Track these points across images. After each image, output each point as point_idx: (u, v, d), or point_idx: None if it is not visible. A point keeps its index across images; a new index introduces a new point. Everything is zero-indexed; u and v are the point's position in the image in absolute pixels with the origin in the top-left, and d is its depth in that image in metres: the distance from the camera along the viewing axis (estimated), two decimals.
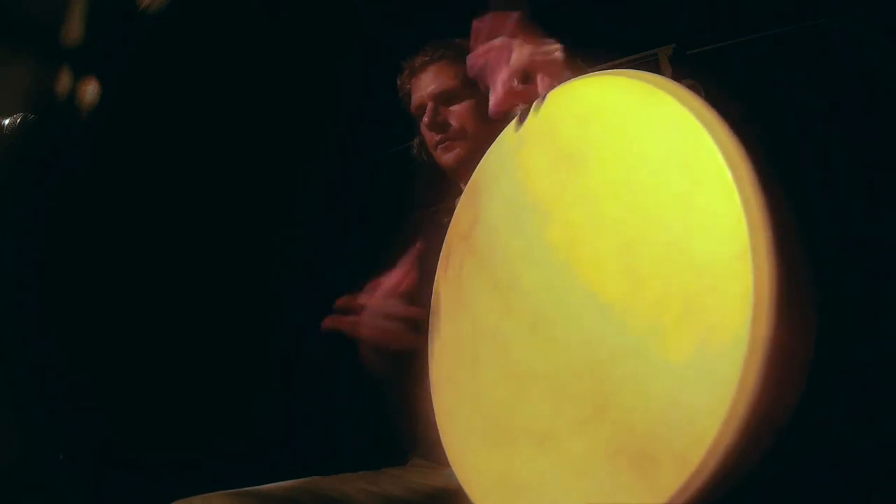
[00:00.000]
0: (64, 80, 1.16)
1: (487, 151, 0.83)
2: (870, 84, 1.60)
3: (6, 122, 0.97)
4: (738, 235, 0.48)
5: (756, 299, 0.46)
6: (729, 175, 0.50)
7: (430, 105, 1.12)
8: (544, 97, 0.73)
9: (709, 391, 0.47)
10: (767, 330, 0.45)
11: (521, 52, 0.75)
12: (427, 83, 1.15)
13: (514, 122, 0.77)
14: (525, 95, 0.76)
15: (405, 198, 1.40)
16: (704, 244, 0.51)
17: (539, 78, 0.74)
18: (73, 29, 1.16)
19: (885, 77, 1.59)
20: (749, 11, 1.71)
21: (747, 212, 0.48)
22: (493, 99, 0.77)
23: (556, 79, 0.73)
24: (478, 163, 0.84)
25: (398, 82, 1.23)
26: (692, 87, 0.59)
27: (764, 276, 0.46)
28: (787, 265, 0.47)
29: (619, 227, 0.59)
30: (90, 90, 1.19)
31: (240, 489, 0.77)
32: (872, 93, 1.60)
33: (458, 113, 1.11)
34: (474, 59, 0.80)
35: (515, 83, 0.75)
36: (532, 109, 0.75)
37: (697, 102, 0.55)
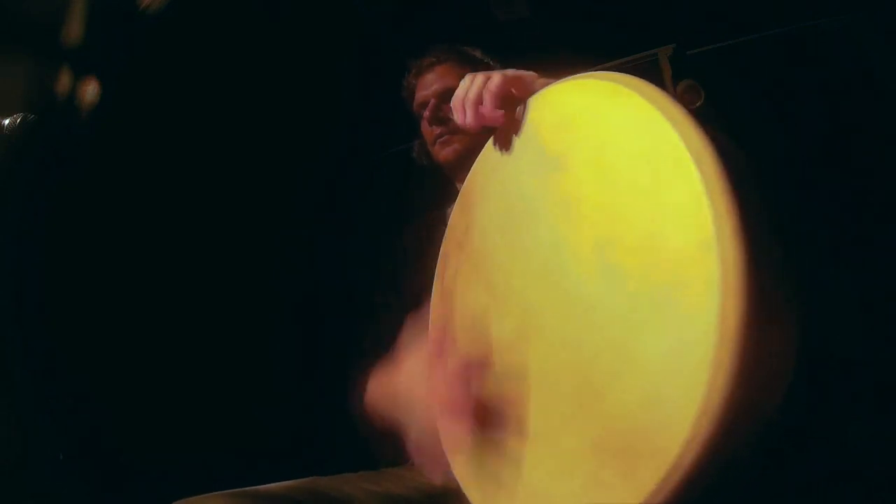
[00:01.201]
0: (64, 80, 1.16)
1: (476, 160, 0.84)
2: (870, 84, 1.61)
3: (6, 122, 0.97)
4: (702, 225, 0.48)
5: (723, 289, 0.46)
6: (692, 166, 0.50)
7: (432, 101, 1.16)
8: (526, 103, 0.74)
9: (684, 384, 0.48)
10: (736, 319, 0.45)
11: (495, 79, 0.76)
12: (431, 82, 1.18)
13: (500, 128, 0.79)
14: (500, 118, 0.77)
15: (405, 198, 1.41)
16: (672, 237, 0.51)
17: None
18: (73, 29, 1.16)
19: (885, 77, 1.59)
20: (749, 11, 1.71)
21: (711, 200, 0.48)
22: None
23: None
24: (474, 160, 0.86)
25: (404, 81, 1.25)
26: (691, 88, 0.60)
27: (730, 265, 0.46)
28: (756, 253, 0.47)
29: (595, 227, 0.60)
30: (90, 90, 1.19)
31: (240, 489, 0.77)
32: (872, 93, 1.60)
33: None
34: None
35: (490, 109, 0.76)
36: (515, 115, 0.76)
37: (663, 98, 0.56)
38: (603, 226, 0.59)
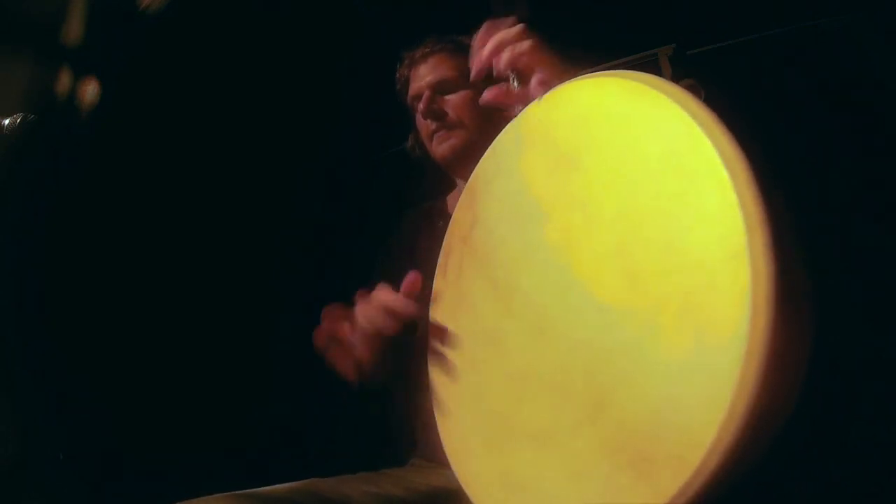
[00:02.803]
0: (64, 80, 1.16)
1: (485, 153, 0.83)
2: (870, 84, 1.60)
3: (6, 122, 0.97)
4: (734, 233, 0.48)
5: (753, 297, 0.46)
6: (724, 173, 0.49)
7: (426, 94, 1.12)
8: (541, 98, 0.73)
9: (707, 390, 0.47)
10: (765, 327, 0.45)
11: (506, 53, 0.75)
12: (425, 73, 1.15)
13: (511, 123, 0.77)
14: (521, 96, 0.75)
15: (405, 197, 1.40)
16: (700, 242, 0.50)
17: (533, 76, 0.75)
18: (73, 29, 1.15)
19: (885, 77, 1.59)
20: (749, 11, 1.71)
21: (743, 209, 0.48)
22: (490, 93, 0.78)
23: (548, 75, 0.74)
24: (472, 155, 0.84)
25: (397, 73, 1.22)
26: (692, 88, 0.59)
27: (761, 273, 0.46)
28: (784, 263, 0.47)
29: (616, 228, 0.59)
30: (90, 90, 1.19)
31: (239, 491, 0.77)
32: (872, 93, 1.60)
33: (454, 103, 1.10)
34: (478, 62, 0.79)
35: (510, 83, 0.75)
36: (529, 111, 0.75)
37: (692, 102, 0.55)
38: (622, 228, 0.58)
